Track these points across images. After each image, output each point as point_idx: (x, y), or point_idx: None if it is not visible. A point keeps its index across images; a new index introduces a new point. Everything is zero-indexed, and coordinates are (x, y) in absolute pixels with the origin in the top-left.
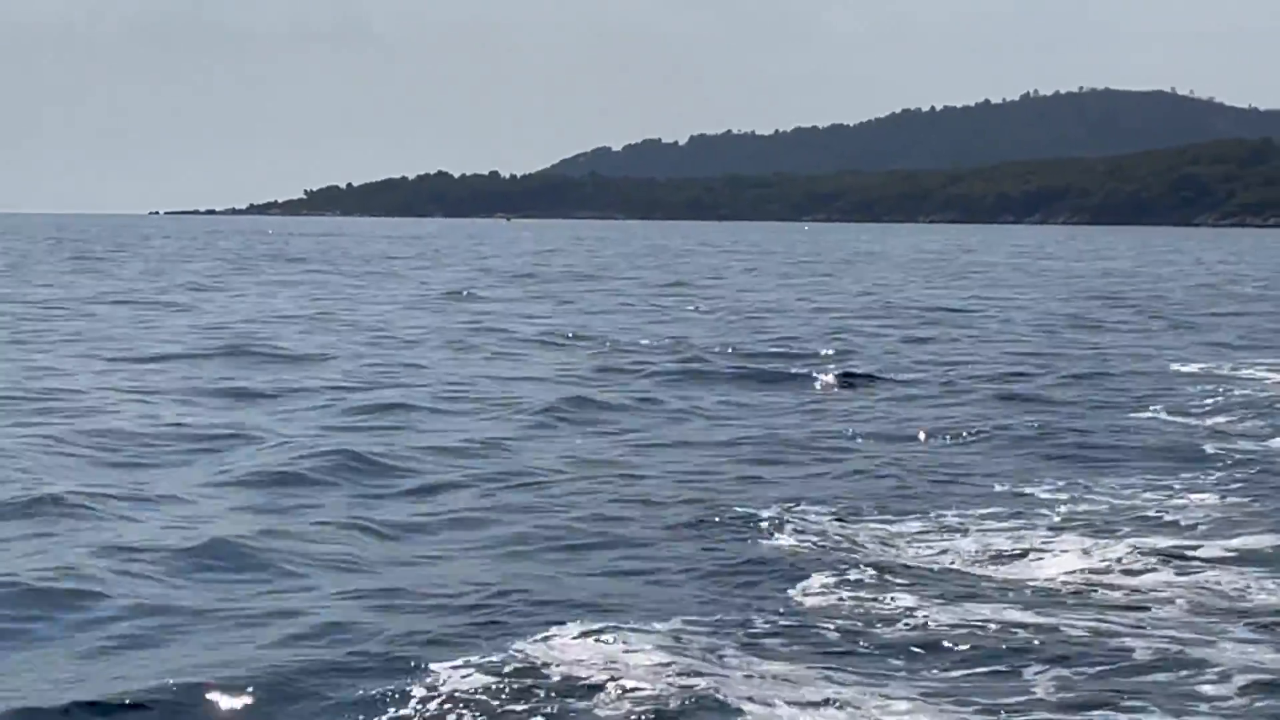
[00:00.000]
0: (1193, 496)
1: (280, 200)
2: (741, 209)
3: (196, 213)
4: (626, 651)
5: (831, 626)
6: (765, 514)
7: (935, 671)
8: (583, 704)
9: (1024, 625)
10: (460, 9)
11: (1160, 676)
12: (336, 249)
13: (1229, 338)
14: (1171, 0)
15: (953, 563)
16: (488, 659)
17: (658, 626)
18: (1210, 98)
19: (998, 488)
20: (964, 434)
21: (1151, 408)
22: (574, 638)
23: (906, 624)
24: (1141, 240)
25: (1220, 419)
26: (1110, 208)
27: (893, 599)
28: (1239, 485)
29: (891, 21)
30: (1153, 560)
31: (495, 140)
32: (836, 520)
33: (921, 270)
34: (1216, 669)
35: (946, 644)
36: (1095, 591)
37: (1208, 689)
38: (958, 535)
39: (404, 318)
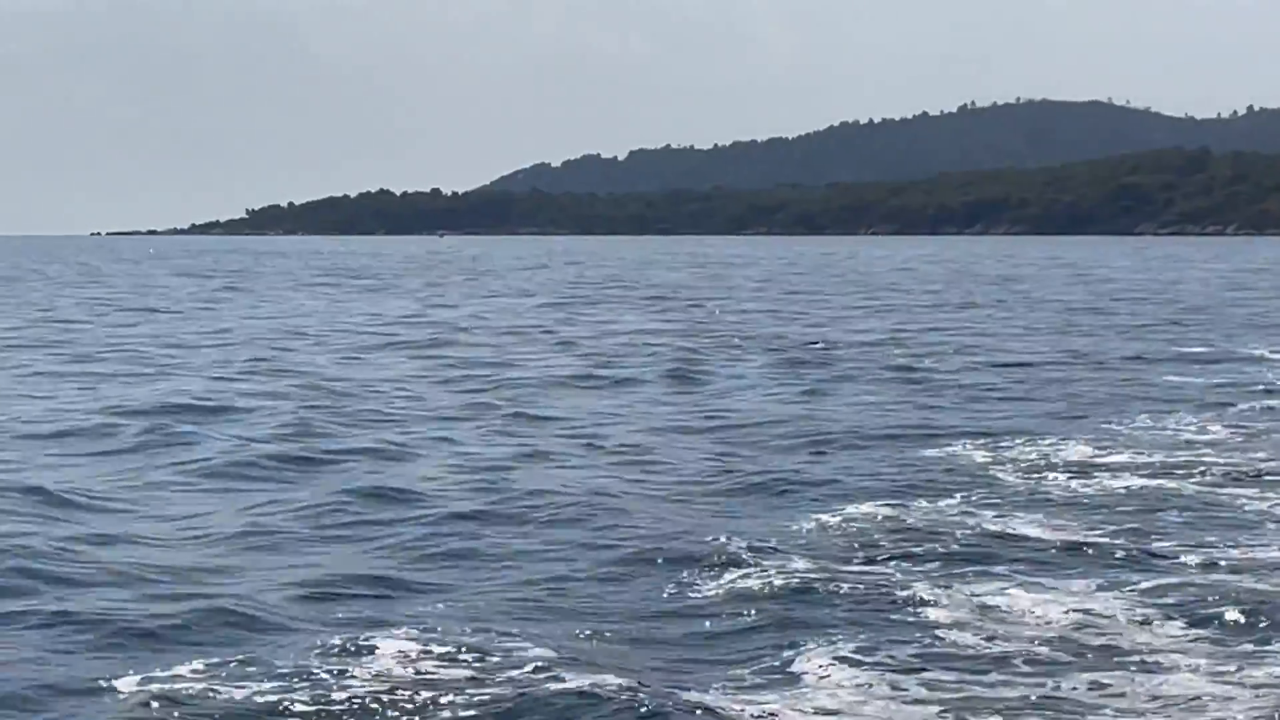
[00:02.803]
0: None
1: (222, 220)
2: (682, 224)
3: (138, 233)
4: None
5: None
6: None
7: None
8: None
9: None
10: (396, 28)
11: None
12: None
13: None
14: (1107, 11)
15: None
16: None
17: None
18: (1147, 107)
19: None
20: None
21: None
22: None
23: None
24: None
25: None
26: (1050, 218)
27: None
28: None
29: (828, 34)
30: None
31: (435, 158)
32: None
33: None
34: None
35: None
36: None
37: None
38: None
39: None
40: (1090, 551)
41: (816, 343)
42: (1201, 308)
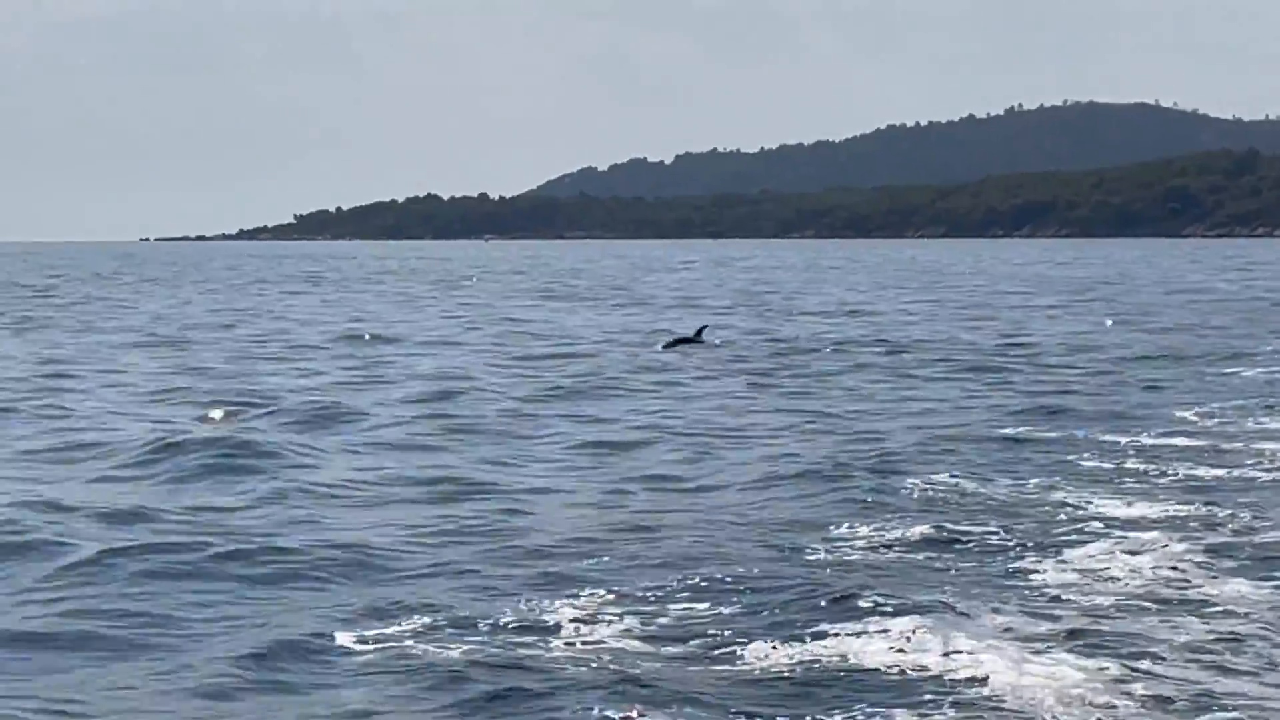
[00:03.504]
0: None
1: (270, 225)
2: (730, 227)
3: (186, 239)
4: None
5: None
6: None
7: None
8: None
9: None
10: (442, 32)
11: None
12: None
13: None
14: (1155, 14)
15: None
16: None
17: None
18: (1195, 109)
19: None
20: None
21: None
22: None
23: None
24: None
25: None
26: (1098, 220)
27: None
28: None
29: (875, 38)
30: None
31: (482, 162)
32: None
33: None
34: None
35: None
36: None
37: None
38: None
39: None
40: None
41: None
42: None
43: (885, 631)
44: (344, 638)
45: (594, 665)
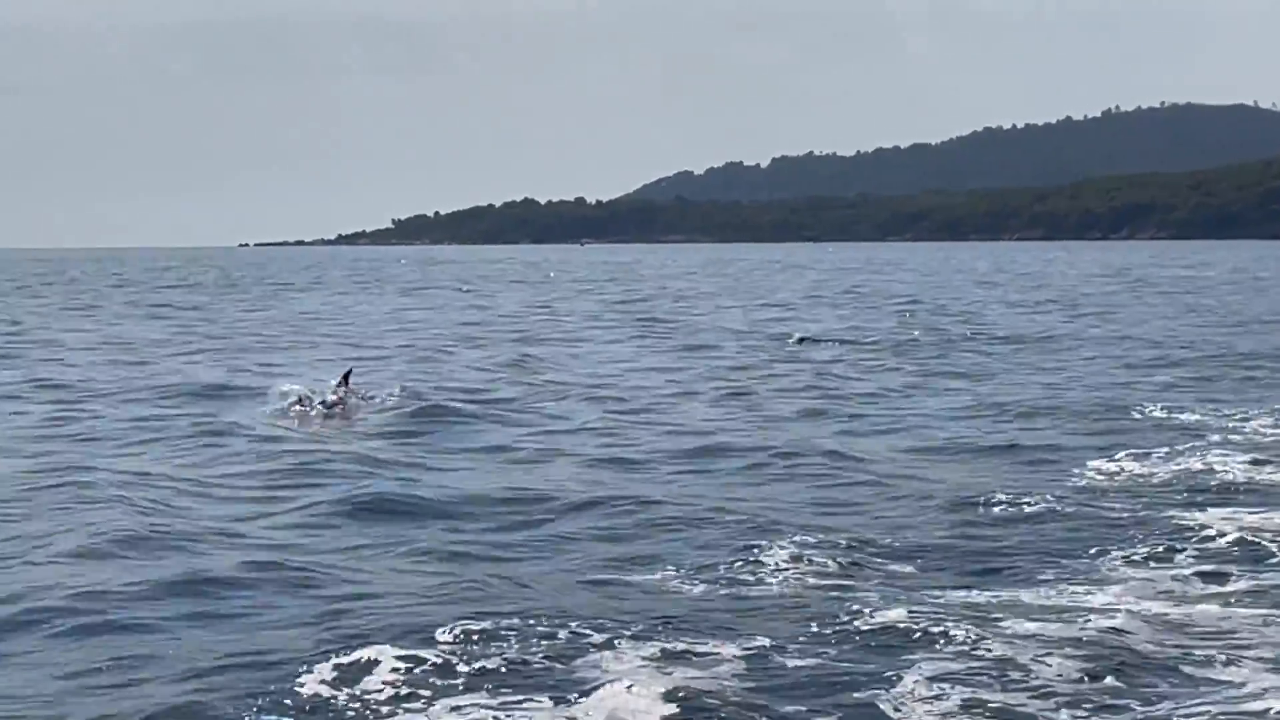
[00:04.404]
0: None
1: (368, 230)
2: (826, 230)
3: (286, 244)
4: None
5: None
6: None
7: None
8: None
9: None
10: (537, 36)
11: None
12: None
13: None
14: (1252, 14)
15: None
16: None
17: None
18: None
19: None
20: None
21: None
22: None
23: None
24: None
25: None
26: (1196, 222)
27: None
28: None
29: (971, 40)
30: None
31: (578, 167)
32: None
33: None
34: None
35: None
36: None
37: None
38: None
39: None
40: None
41: None
42: None
43: None
44: None
45: None
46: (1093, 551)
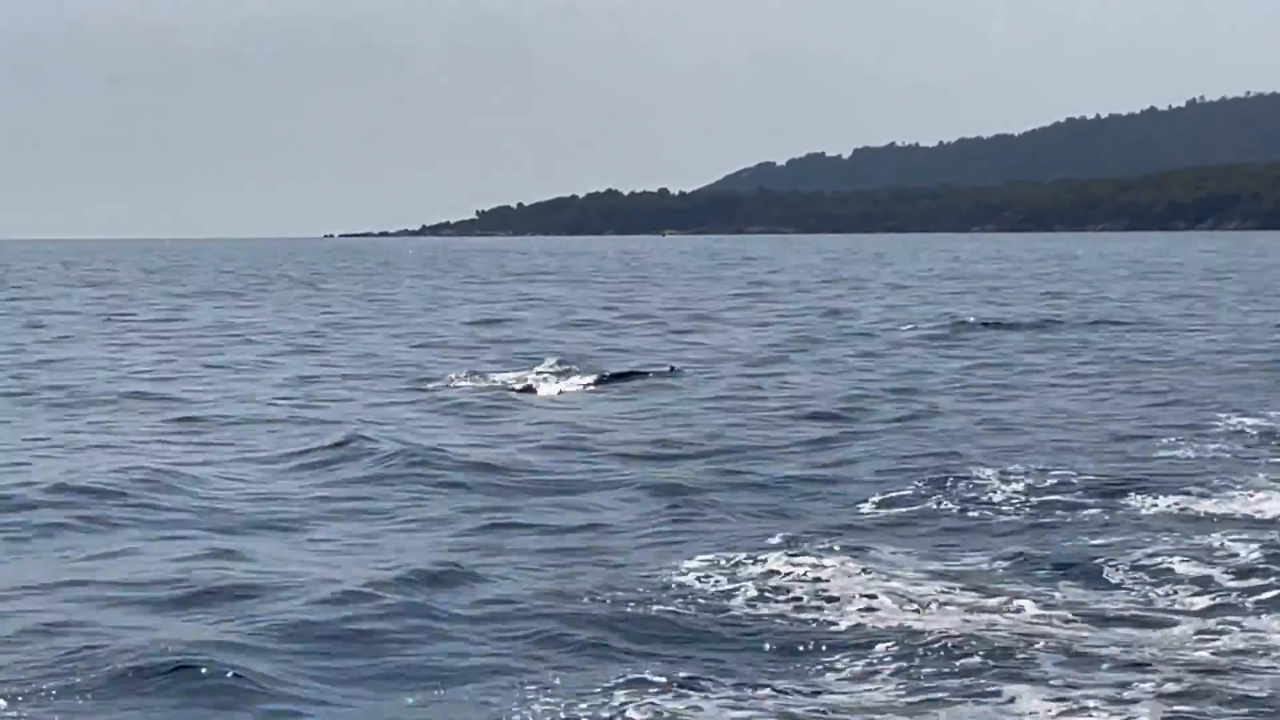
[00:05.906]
0: None
1: (452, 221)
2: (910, 221)
3: (370, 235)
4: None
5: None
6: None
7: None
8: None
9: None
10: (619, 27)
11: None
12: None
13: None
14: None
15: None
16: None
17: None
18: None
19: None
20: None
21: None
22: None
23: None
24: None
25: None
26: None
27: None
28: None
29: (1053, 29)
30: None
31: (660, 158)
32: None
33: None
34: None
35: None
36: None
37: None
38: None
39: None
40: None
41: None
42: None
43: None
44: None
45: None
46: None
